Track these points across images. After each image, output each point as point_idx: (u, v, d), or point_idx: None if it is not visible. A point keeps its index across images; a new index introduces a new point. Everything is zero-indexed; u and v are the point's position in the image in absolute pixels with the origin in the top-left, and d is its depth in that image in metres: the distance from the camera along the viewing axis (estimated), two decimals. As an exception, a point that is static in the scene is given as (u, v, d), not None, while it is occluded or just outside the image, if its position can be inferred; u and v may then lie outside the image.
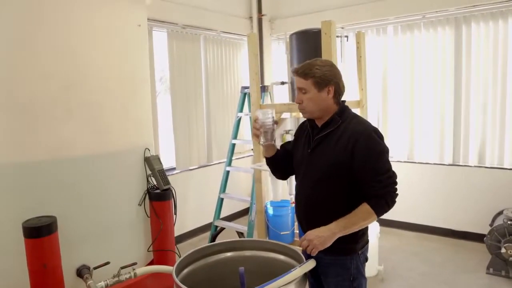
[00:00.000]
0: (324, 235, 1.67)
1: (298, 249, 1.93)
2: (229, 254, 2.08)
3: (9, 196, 2.08)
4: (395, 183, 1.72)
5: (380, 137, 1.75)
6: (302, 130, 2.01)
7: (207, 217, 4.81)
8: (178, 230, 4.74)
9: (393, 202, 1.70)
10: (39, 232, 1.98)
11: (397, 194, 1.71)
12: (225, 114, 5.47)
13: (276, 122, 1.91)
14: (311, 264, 1.79)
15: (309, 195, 1.85)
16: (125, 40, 2.42)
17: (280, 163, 2.08)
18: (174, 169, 4.84)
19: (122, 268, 2.08)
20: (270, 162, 2.09)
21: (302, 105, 1.81)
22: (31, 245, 1.99)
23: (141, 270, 2.15)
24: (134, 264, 2.15)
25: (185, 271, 1.97)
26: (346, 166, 1.71)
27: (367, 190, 1.70)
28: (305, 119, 1.94)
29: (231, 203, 4.94)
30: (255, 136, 1.93)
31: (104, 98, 2.28)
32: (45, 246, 2.01)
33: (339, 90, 1.82)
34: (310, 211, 1.86)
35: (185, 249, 2.06)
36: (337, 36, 3.57)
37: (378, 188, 1.67)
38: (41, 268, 1.99)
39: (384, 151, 1.73)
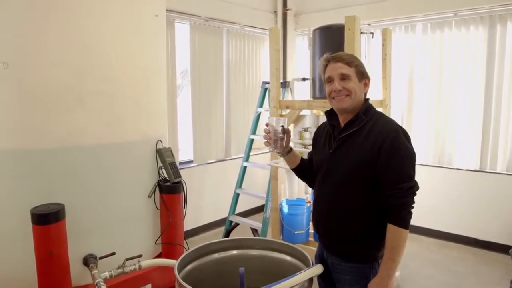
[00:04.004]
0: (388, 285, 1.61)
1: (306, 251, 1.86)
2: (235, 252, 2.05)
3: (18, 182, 2.09)
4: (415, 194, 1.62)
5: (408, 138, 1.66)
6: (320, 132, 1.93)
7: (223, 212, 4.80)
8: (193, 223, 4.76)
9: (411, 213, 1.61)
10: (47, 219, 1.98)
11: (413, 206, 1.61)
12: (245, 109, 5.42)
13: (287, 132, 1.85)
14: (318, 269, 1.74)
15: (330, 197, 1.76)
16: (140, 30, 2.39)
17: (307, 173, 2.00)
18: (191, 162, 4.84)
19: (127, 259, 2.06)
20: (296, 172, 2.04)
21: (342, 92, 1.69)
22: (38, 231, 1.99)
23: (146, 262, 2.13)
24: (140, 256, 2.12)
25: (189, 266, 1.94)
26: (372, 166, 1.62)
27: (386, 198, 1.60)
28: (321, 122, 1.87)
29: (247, 199, 4.90)
30: (266, 141, 1.87)
31: (116, 87, 2.25)
32: (52, 233, 2.00)
33: (369, 86, 1.77)
34: (330, 214, 1.76)
35: (199, 242, 2.04)
36: (362, 33, 3.45)
37: (397, 197, 1.58)
38: (48, 255, 1.99)
39: (410, 154, 1.63)
